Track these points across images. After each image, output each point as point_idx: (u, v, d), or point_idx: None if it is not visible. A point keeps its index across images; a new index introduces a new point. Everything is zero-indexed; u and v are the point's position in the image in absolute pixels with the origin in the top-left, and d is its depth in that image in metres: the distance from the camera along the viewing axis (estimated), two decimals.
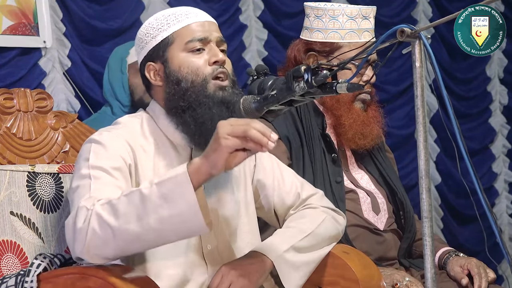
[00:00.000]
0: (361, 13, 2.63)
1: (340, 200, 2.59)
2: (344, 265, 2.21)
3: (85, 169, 1.99)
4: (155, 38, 2.13)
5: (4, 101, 2.30)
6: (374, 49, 1.93)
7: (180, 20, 2.13)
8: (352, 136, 2.65)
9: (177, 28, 2.12)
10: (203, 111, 2.06)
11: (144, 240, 1.83)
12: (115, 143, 2.05)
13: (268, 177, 2.29)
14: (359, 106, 2.68)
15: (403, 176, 4.59)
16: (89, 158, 2.01)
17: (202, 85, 2.07)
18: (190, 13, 2.16)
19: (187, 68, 2.09)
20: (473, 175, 1.81)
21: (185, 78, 2.08)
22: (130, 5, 4.08)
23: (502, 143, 5.58)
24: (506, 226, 5.58)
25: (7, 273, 2.11)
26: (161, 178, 1.82)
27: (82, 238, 1.84)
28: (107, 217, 1.82)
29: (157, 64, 2.13)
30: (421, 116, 1.85)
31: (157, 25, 2.14)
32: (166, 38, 2.11)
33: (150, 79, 2.15)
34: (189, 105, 2.07)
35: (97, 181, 1.96)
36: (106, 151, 2.02)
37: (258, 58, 4.54)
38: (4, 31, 3.64)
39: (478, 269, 2.56)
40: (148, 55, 2.14)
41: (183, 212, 1.78)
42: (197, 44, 2.10)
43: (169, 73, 2.10)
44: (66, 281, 1.89)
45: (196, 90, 2.07)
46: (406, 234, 2.70)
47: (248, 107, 2.02)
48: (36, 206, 2.24)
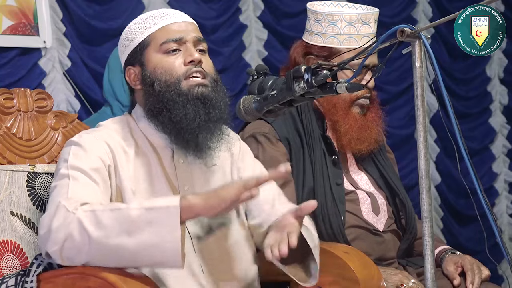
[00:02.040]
0: (360, 18, 2.62)
1: (340, 202, 2.58)
2: (344, 265, 2.21)
3: (64, 170, 2.01)
4: (133, 41, 2.14)
5: (4, 101, 2.30)
6: (375, 49, 1.93)
7: (157, 22, 2.13)
8: (347, 141, 2.65)
9: (153, 30, 2.12)
10: (177, 110, 2.05)
11: (117, 257, 1.84)
12: (94, 145, 2.06)
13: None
14: (357, 111, 2.66)
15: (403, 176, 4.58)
16: (68, 159, 2.02)
17: (175, 84, 2.07)
18: (167, 14, 2.15)
19: (161, 69, 2.09)
20: (473, 175, 1.81)
21: (158, 79, 2.08)
22: (130, 5, 4.09)
23: (502, 143, 5.58)
24: (506, 226, 5.58)
25: (7, 273, 2.11)
26: (152, 204, 1.83)
27: (58, 239, 1.85)
28: (88, 226, 1.83)
29: (136, 68, 2.14)
30: (421, 116, 1.85)
31: (135, 28, 2.15)
32: (143, 41, 2.12)
33: (130, 83, 2.16)
34: (164, 106, 2.07)
35: (75, 181, 1.97)
36: (85, 152, 2.03)
37: (258, 58, 4.54)
38: (4, 31, 3.64)
39: (472, 266, 2.56)
40: (128, 59, 2.16)
41: (164, 243, 1.80)
42: (172, 45, 2.10)
43: (145, 75, 2.11)
44: (66, 281, 1.89)
45: (169, 90, 2.07)
46: (406, 235, 2.70)
47: (248, 107, 2.01)
48: (36, 206, 2.24)
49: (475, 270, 2.55)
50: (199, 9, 4.24)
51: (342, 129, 2.64)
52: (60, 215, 1.87)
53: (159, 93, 2.07)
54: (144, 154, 2.12)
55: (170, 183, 2.11)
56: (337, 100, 2.63)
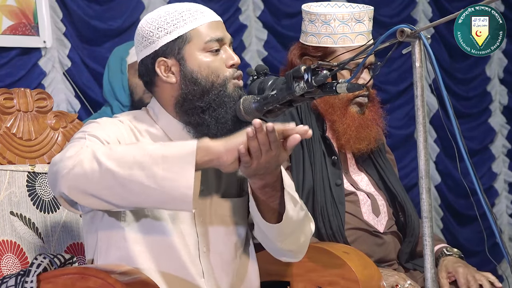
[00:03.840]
0: (353, 16, 2.61)
1: (339, 203, 2.58)
2: (344, 265, 2.21)
3: (80, 135, 2.00)
4: (171, 33, 2.07)
5: (4, 101, 2.30)
6: (374, 49, 1.93)
7: (197, 18, 2.09)
8: (346, 141, 2.64)
9: (194, 26, 2.08)
10: (224, 111, 2.05)
11: (126, 191, 1.83)
12: (113, 128, 2.05)
13: None
14: (355, 110, 2.66)
15: (403, 176, 4.59)
16: (85, 130, 2.02)
17: (222, 86, 2.06)
18: (205, 11, 2.12)
19: (208, 69, 2.07)
20: (473, 175, 1.81)
21: (205, 79, 2.06)
22: (130, 5, 4.09)
23: (502, 143, 5.58)
24: (506, 226, 5.58)
25: (7, 273, 2.11)
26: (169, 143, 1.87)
27: (69, 164, 1.85)
28: (100, 155, 1.83)
29: (171, 61, 2.08)
30: (421, 116, 1.85)
31: (171, 20, 2.08)
32: (183, 35, 2.07)
33: (161, 75, 2.09)
34: (209, 105, 2.05)
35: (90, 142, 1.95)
36: (104, 130, 2.02)
37: (258, 58, 4.54)
38: (4, 31, 3.64)
39: (465, 279, 2.52)
40: (161, 50, 2.08)
41: (177, 179, 1.79)
42: (215, 44, 2.09)
43: (187, 72, 2.07)
44: (66, 281, 1.89)
45: (216, 91, 2.05)
46: (408, 238, 2.68)
47: (248, 107, 2.02)
48: (36, 206, 2.24)
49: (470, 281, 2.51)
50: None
51: (340, 129, 2.64)
52: (73, 148, 1.89)
53: (205, 92, 2.05)
54: None
55: None
56: (334, 100, 2.63)
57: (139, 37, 2.12)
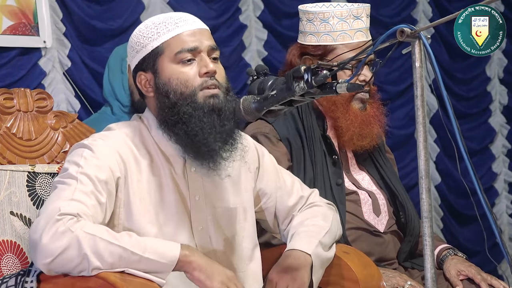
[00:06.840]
0: (351, 13, 2.62)
1: (340, 202, 2.58)
2: (344, 265, 2.21)
3: (73, 171, 1.98)
4: (146, 47, 2.08)
5: (4, 101, 2.30)
6: (374, 49, 1.93)
7: (170, 29, 2.07)
8: (349, 138, 2.65)
9: (167, 38, 2.06)
10: (193, 124, 2.02)
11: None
12: (106, 154, 2.02)
13: (271, 179, 2.28)
14: (358, 106, 2.66)
15: (403, 176, 4.59)
16: (79, 163, 1.99)
17: (191, 97, 2.03)
18: (181, 20, 2.09)
19: (177, 80, 2.04)
20: (473, 175, 1.81)
21: (174, 90, 2.04)
22: (130, 5, 4.09)
23: (502, 143, 5.58)
24: (506, 226, 5.58)
25: (7, 273, 2.11)
26: (153, 249, 1.88)
27: (53, 249, 1.84)
28: (89, 253, 1.84)
29: (148, 74, 2.09)
30: (421, 116, 1.85)
31: (147, 33, 2.08)
32: (156, 48, 2.06)
33: (142, 89, 2.11)
34: (180, 119, 2.03)
35: (82, 186, 1.94)
36: (97, 160, 2.00)
37: (258, 58, 4.54)
38: (4, 31, 3.64)
39: (481, 275, 2.54)
40: (139, 64, 2.10)
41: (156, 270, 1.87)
42: (187, 54, 2.05)
43: (159, 84, 2.06)
44: (66, 281, 1.89)
45: (185, 103, 2.03)
46: (407, 237, 2.69)
47: (248, 107, 2.01)
48: (36, 206, 2.24)
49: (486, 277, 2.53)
50: (199, 9, 4.23)
51: (343, 125, 2.64)
52: (60, 225, 1.85)
53: (174, 105, 2.03)
54: (156, 163, 2.09)
55: (181, 194, 2.09)
56: (336, 97, 2.63)
57: (128, 50, 2.15)
